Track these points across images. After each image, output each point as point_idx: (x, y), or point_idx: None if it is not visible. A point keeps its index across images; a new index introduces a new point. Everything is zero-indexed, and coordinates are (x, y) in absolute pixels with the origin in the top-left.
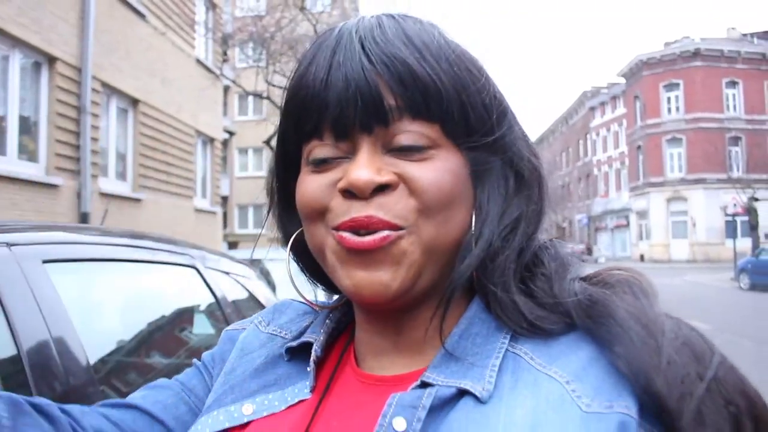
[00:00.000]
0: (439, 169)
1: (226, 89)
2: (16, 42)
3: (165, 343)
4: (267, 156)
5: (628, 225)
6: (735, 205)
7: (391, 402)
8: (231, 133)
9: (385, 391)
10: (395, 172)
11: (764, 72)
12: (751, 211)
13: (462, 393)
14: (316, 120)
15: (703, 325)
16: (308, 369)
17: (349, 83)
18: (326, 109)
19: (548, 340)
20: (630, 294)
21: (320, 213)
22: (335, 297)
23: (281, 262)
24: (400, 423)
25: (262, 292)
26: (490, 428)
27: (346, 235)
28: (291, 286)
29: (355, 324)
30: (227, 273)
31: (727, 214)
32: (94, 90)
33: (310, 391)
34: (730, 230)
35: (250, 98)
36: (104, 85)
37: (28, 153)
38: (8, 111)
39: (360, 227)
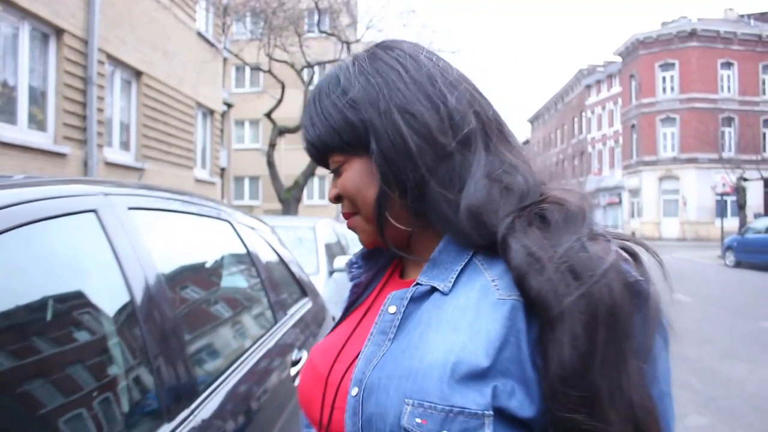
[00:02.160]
0: (346, 177)
1: (224, 61)
2: (26, 14)
3: (220, 282)
4: (264, 128)
5: (620, 202)
6: (724, 185)
7: (390, 296)
8: (229, 105)
9: (396, 293)
10: (337, 184)
11: (759, 53)
12: (739, 191)
13: (434, 289)
14: None
15: (684, 297)
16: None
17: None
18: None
19: (494, 255)
20: (535, 226)
21: None
22: None
23: (283, 229)
24: (392, 308)
25: (277, 244)
26: (444, 310)
27: None
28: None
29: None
30: (253, 228)
31: (717, 194)
32: (99, 62)
33: (350, 280)
34: (721, 209)
35: (247, 70)
36: (109, 57)
37: (37, 122)
38: (18, 81)
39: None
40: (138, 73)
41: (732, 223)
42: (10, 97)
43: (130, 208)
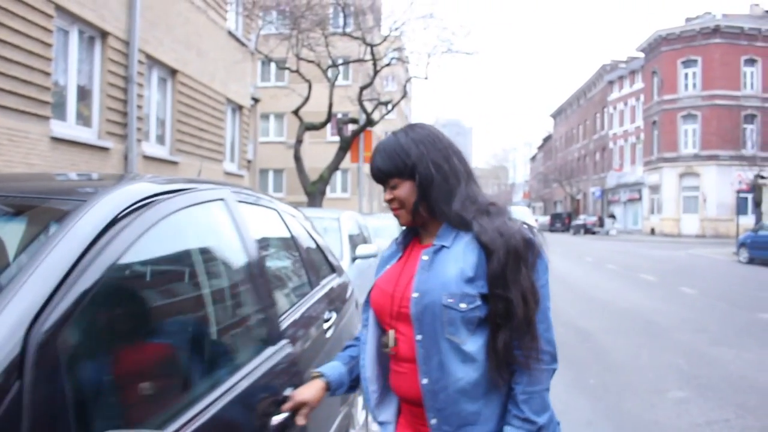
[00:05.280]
0: (401, 191)
1: (251, 56)
2: (75, 18)
3: (282, 253)
4: (289, 122)
5: (640, 199)
6: (740, 182)
7: (422, 252)
8: (256, 100)
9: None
10: (392, 193)
11: None
12: (755, 189)
13: (443, 246)
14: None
15: (689, 290)
16: (399, 249)
17: (373, 173)
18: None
19: (467, 230)
20: (485, 214)
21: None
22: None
23: (310, 219)
24: (425, 257)
25: (311, 229)
26: (450, 254)
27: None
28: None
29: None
30: (293, 216)
31: (735, 191)
32: (139, 62)
33: (401, 252)
34: (740, 207)
35: (272, 65)
36: (148, 56)
37: (83, 119)
38: (68, 81)
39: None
40: (173, 72)
41: (751, 220)
42: (62, 96)
43: (240, 202)
